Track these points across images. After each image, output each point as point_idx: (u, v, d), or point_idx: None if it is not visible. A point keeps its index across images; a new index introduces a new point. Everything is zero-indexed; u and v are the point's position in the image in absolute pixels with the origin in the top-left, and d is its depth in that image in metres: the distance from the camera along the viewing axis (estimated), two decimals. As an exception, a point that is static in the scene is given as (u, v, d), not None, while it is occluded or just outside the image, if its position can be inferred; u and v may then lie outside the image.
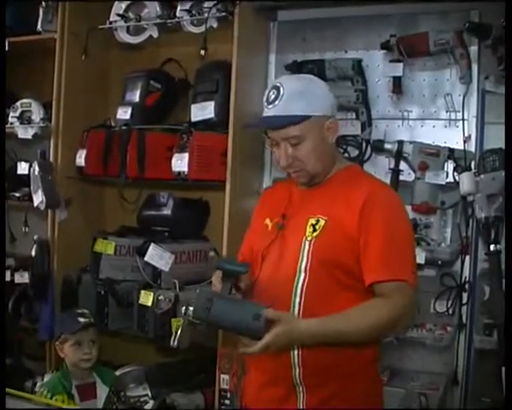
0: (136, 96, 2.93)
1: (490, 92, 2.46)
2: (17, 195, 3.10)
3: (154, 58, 3.08)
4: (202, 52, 2.64)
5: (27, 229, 3.18)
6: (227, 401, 2.57)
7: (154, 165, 2.79)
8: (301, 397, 1.84)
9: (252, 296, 1.89)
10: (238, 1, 2.60)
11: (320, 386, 1.82)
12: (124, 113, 2.89)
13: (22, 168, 3.06)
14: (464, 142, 2.50)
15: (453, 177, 2.49)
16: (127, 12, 2.86)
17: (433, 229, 2.52)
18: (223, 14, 2.64)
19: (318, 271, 1.80)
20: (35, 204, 2.93)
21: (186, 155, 2.63)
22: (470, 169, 2.41)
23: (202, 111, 2.75)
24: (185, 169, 2.63)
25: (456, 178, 2.47)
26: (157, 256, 2.75)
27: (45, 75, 3.11)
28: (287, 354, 1.81)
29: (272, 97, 1.82)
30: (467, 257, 2.51)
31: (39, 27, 3.01)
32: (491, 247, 2.27)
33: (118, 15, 2.86)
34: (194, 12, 2.71)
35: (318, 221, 1.83)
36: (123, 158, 2.78)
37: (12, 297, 3.04)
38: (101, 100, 3.19)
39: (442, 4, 2.54)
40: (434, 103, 2.60)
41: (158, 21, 2.79)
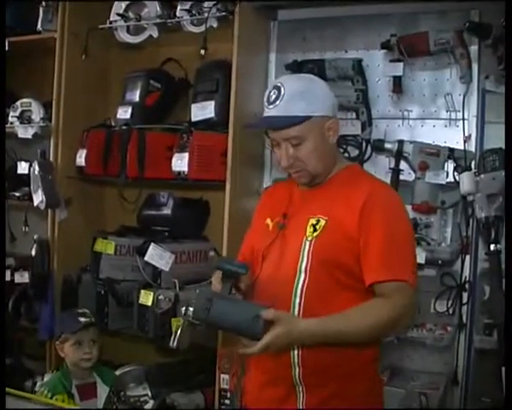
0: (136, 95, 2.93)
1: (490, 92, 2.46)
2: (17, 194, 3.10)
3: (154, 58, 3.08)
4: (202, 52, 2.64)
5: (27, 228, 3.18)
6: (227, 401, 2.57)
7: (154, 164, 2.79)
8: (301, 397, 1.83)
9: (252, 296, 1.88)
10: (238, 0, 2.60)
11: (320, 386, 1.82)
12: (124, 112, 2.89)
13: (22, 168, 3.06)
14: (464, 141, 2.50)
15: (453, 176, 2.49)
16: (127, 12, 2.86)
17: (434, 229, 2.52)
18: (223, 13, 2.64)
19: (318, 271, 1.80)
20: (35, 204, 2.93)
21: (186, 155, 2.63)
22: (470, 169, 2.40)
23: (202, 111, 2.74)
24: (185, 169, 2.63)
25: (456, 177, 2.47)
26: (157, 256, 2.75)
27: (45, 75, 3.11)
28: (287, 354, 1.81)
29: (273, 97, 1.81)
30: (467, 257, 2.51)
31: (39, 27, 3.01)
32: (491, 246, 2.27)
33: (118, 15, 2.86)
34: (194, 11, 2.71)
35: (319, 221, 1.82)
36: (123, 158, 2.78)
37: (12, 297, 3.04)
38: (101, 100, 3.18)
39: (442, 4, 2.54)
40: (434, 103, 2.59)
41: (158, 21, 2.79)
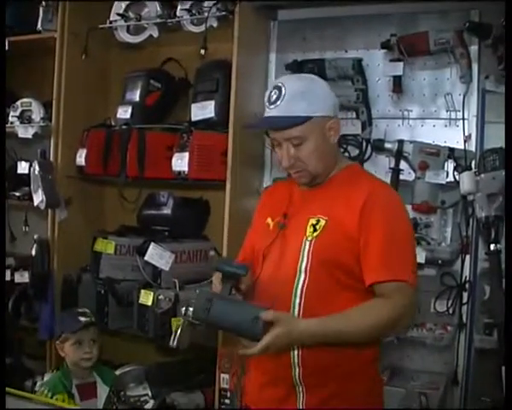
0: (136, 95, 2.93)
1: (490, 92, 2.46)
2: (17, 194, 3.10)
3: (154, 57, 3.08)
4: (202, 51, 2.64)
5: (27, 228, 3.19)
6: (227, 401, 2.57)
7: (154, 164, 2.79)
8: (301, 397, 1.83)
9: (252, 296, 1.88)
10: (238, 0, 2.60)
11: (320, 386, 1.82)
12: (124, 112, 2.89)
13: (22, 168, 3.06)
14: (464, 141, 2.50)
15: (453, 176, 2.49)
16: (127, 11, 2.86)
17: (434, 228, 2.52)
18: (223, 13, 2.64)
19: (318, 271, 1.80)
20: (35, 203, 2.93)
21: (186, 155, 2.63)
22: (470, 168, 2.40)
23: (202, 110, 2.75)
24: (185, 168, 2.63)
25: (456, 177, 2.47)
26: (157, 256, 2.75)
27: (45, 75, 3.11)
28: (287, 354, 1.81)
29: (274, 98, 1.81)
30: (467, 256, 2.51)
31: (39, 27, 3.01)
32: (491, 246, 2.27)
33: (118, 15, 2.86)
34: (194, 11, 2.71)
35: (319, 221, 1.82)
36: (123, 157, 2.78)
37: (12, 297, 3.04)
38: (101, 99, 3.18)
39: (442, 4, 2.54)
40: (435, 103, 2.60)
41: (158, 21, 2.79)
